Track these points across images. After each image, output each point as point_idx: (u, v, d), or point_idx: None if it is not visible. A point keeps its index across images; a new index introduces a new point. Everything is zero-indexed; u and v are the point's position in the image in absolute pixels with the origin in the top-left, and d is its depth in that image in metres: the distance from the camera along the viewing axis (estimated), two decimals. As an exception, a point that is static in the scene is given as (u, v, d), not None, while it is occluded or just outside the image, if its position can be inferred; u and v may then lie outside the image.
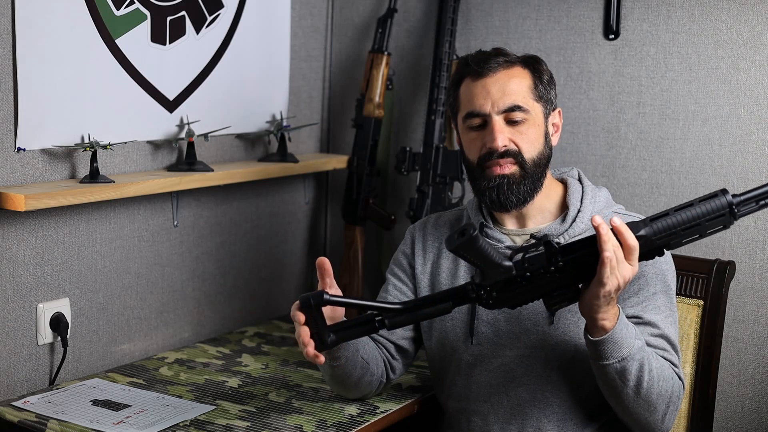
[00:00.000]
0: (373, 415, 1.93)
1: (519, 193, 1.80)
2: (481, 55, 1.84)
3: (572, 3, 2.39)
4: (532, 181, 1.81)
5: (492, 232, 1.87)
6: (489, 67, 1.80)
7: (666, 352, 1.75)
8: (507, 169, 1.79)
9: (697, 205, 1.56)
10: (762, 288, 2.20)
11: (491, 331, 1.84)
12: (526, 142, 1.80)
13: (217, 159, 2.44)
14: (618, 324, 1.63)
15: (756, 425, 2.22)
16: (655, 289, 1.78)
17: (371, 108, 2.55)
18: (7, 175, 1.97)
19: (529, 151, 1.80)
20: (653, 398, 1.69)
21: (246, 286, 2.59)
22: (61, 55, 2.03)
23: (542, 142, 1.83)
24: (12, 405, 1.92)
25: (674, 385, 1.72)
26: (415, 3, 2.63)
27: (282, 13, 2.59)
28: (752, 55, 2.18)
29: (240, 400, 1.99)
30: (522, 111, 1.79)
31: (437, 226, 1.99)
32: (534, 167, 1.81)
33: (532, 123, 1.81)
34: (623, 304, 1.77)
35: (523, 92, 1.80)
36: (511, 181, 1.79)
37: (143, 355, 2.31)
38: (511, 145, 1.79)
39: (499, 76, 1.80)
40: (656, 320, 1.77)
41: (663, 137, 2.30)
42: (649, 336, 1.75)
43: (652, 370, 1.67)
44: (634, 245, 1.56)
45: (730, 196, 1.56)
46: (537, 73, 1.84)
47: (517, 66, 1.83)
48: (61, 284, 2.11)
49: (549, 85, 1.86)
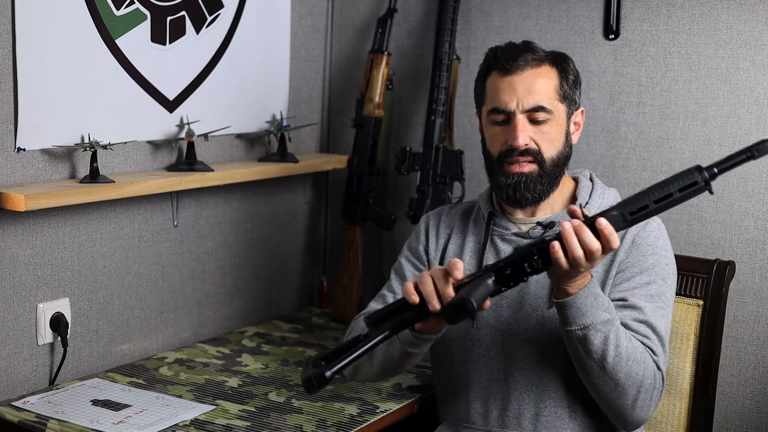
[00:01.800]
0: (373, 415, 1.93)
1: (535, 191, 1.84)
2: (511, 51, 1.85)
3: (572, 3, 2.39)
4: (549, 180, 1.84)
5: (499, 219, 1.90)
6: (517, 64, 1.82)
7: (647, 339, 1.74)
8: (526, 168, 1.83)
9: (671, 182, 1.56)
10: (762, 288, 2.20)
11: (493, 316, 1.86)
12: (546, 141, 1.83)
13: (217, 159, 2.44)
14: (582, 291, 1.64)
15: (756, 425, 2.22)
16: (649, 279, 1.79)
17: (371, 108, 2.55)
18: (7, 175, 1.97)
19: (549, 150, 1.83)
20: (620, 377, 1.68)
21: (246, 286, 2.59)
22: (61, 55, 2.03)
23: (563, 141, 1.85)
24: (12, 405, 1.92)
25: (647, 370, 1.71)
26: (415, 3, 2.63)
27: (282, 13, 2.59)
28: (752, 55, 2.18)
29: (240, 400, 1.99)
30: (546, 111, 1.82)
31: (449, 215, 2.02)
32: (552, 166, 1.84)
33: (554, 123, 1.83)
34: (615, 289, 1.79)
35: (548, 92, 1.82)
36: (529, 180, 1.83)
37: (143, 355, 2.31)
38: (531, 144, 1.82)
39: (527, 74, 1.82)
40: (642, 306, 1.77)
41: (663, 137, 2.30)
42: (631, 320, 1.75)
43: (620, 347, 1.67)
44: (609, 236, 1.55)
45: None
46: (564, 72, 1.86)
47: (546, 64, 1.84)
48: (61, 284, 2.11)
49: (574, 85, 1.88)
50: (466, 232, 1.96)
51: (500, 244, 1.89)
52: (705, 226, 2.25)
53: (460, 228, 1.98)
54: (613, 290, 1.80)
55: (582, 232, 1.56)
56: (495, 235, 1.90)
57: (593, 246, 1.55)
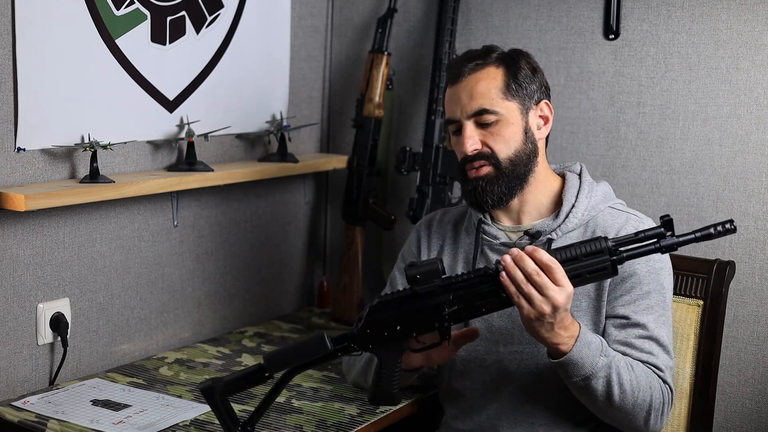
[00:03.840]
0: (373, 415, 1.93)
1: (493, 193, 1.82)
2: (458, 60, 1.86)
3: (572, 3, 2.39)
4: (508, 180, 1.82)
5: (489, 228, 1.88)
6: (461, 72, 1.82)
7: (651, 356, 1.75)
8: (482, 171, 1.82)
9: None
10: (762, 288, 2.20)
11: (484, 327, 1.85)
12: (499, 142, 1.80)
13: (217, 159, 2.44)
14: (576, 345, 1.64)
15: (756, 425, 2.22)
16: (648, 288, 1.77)
17: (371, 108, 2.55)
18: (7, 175, 1.97)
19: (503, 150, 1.81)
20: (628, 408, 1.69)
21: (246, 286, 2.59)
22: (61, 55, 2.03)
23: (520, 139, 1.82)
24: (12, 405, 1.92)
25: (654, 393, 1.71)
26: (415, 3, 2.63)
27: (282, 13, 2.59)
28: (752, 55, 2.18)
29: (240, 400, 1.99)
30: (490, 113, 1.80)
31: (441, 224, 2.00)
32: (510, 166, 1.81)
33: (504, 123, 1.81)
34: (614, 304, 1.77)
35: (490, 94, 1.80)
36: (486, 183, 1.81)
37: (143, 355, 2.31)
38: (483, 148, 1.81)
39: (468, 80, 1.82)
40: (646, 321, 1.76)
41: (663, 137, 2.30)
42: (636, 338, 1.75)
43: (623, 384, 1.67)
44: (548, 263, 1.57)
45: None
46: (512, 69, 1.83)
47: (490, 67, 1.82)
48: (61, 284, 2.11)
49: (527, 79, 1.83)
50: (459, 241, 1.95)
51: (490, 253, 1.87)
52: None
53: (452, 237, 1.96)
54: (612, 304, 1.78)
55: (522, 261, 1.58)
56: (485, 245, 1.88)
57: (545, 259, 1.57)
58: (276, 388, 1.68)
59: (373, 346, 1.68)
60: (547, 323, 1.60)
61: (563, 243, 1.80)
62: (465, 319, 1.67)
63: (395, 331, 1.66)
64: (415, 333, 1.67)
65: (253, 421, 1.69)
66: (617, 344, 1.75)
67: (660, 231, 1.58)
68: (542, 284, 1.57)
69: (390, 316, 1.67)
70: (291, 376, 1.68)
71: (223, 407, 1.68)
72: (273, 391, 1.68)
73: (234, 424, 1.68)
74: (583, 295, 1.78)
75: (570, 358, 1.64)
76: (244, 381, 1.69)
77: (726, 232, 1.54)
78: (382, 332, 1.67)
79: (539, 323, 1.60)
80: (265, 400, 1.69)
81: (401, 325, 1.66)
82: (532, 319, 1.60)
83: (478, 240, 1.89)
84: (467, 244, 1.93)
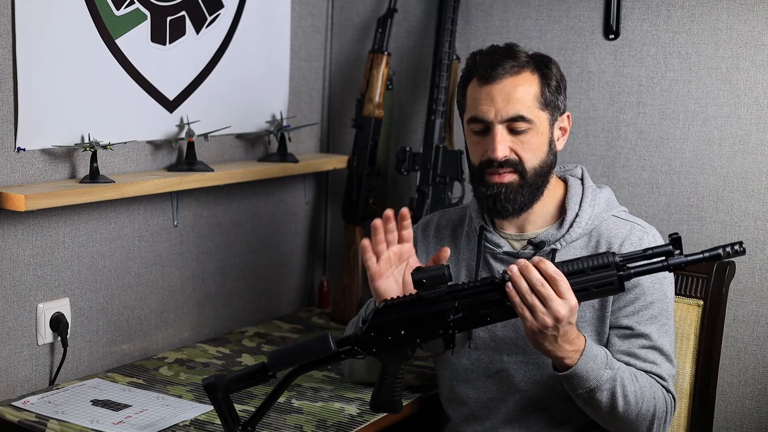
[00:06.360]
0: (373, 415, 1.93)
1: (516, 202, 1.78)
2: (490, 59, 1.78)
3: (572, 3, 2.39)
4: (531, 190, 1.79)
5: (491, 236, 1.86)
6: (496, 73, 1.75)
7: (655, 365, 1.75)
8: (506, 178, 1.77)
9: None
10: (762, 288, 2.20)
11: (488, 336, 1.84)
12: (528, 151, 1.77)
13: (217, 159, 2.44)
14: (581, 359, 1.64)
15: (756, 425, 2.22)
16: (652, 298, 1.77)
17: (371, 108, 2.55)
18: (7, 175, 1.97)
19: (531, 160, 1.77)
20: (632, 418, 1.70)
21: (246, 286, 2.59)
22: (61, 55, 2.03)
23: (545, 150, 1.79)
24: (12, 405, 1.92)
25: (657, 403, 1.72)
26: (415, 3, 2.63)
27: (282, 13, 2.59)
28: (752, 55, 2.18)
29: (240, 400, 1.99)
30: (526, 121, 1.75)
31: (439, 228, 1.98)
32: (534, 176, 1.78)
33: (535, 132, 1.77)
34: (618, 314, 1.77)
35: (528, 101, 1.76)
36: (509, 190, 1.77)
37: (143, 355, 2.31)
38: (511, 155, 1.76)
39: (506, 83, 1.75)
40: (649, 332, 1.76)
41: (663, 137, 2.30)
42: (640, 348, 1.75)
43: (628, 395, 1.67)
44: (553, 275, 1.57)
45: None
46: (546, 78, 1.79)
47: (526, 71, 1.77)
48: (61, 284, 2.11)
49: (557, 90, 1.80)
50: (460, 247, 1.92)
51: (493, 262, 1.86)
52: (705, 226, 2.25)
53: (453, 243, 1.93)
54: (616, 314, 1.77)
55: (528, 271, 1.58)
56: (487, 253, 1.87)
57: (551, 271, 1.57)
58: (278, 389, 1.68)
59: (377, 349, 1.68)
60: (551, 336, 1.59)
61: (567, 253, 1.79)
62: (469, 327, 1.66)
63: (399, 336, 1.66)
64: (419, 339, 1.66)
65: (254, 421, 1.69)
66: (621, 354, 1.75)
67: (668, 249, 1.57)
68: (546, 296, 1.56)
69: (395, 320, 1.66)
70: (293, 377, 1.68)
71: (224, 404, 1.68)
72: (275, 392, 1.68)
73: (234, 422, 1.68)
74: (587, 305, 1.77)
75: (575, 371, 1.64)
76: (247, 379, 1.69)
77: (735, 254, 1.54)
78: (386, 336, 1.67)
79: (542, 336, 1.60)
80: (267, 401, 1.69)
81: (406, 330, 1.66)
82: (535, 331, 1.59)
83: (480, 248, 1.87)
84: (469, 251, 1.91)
